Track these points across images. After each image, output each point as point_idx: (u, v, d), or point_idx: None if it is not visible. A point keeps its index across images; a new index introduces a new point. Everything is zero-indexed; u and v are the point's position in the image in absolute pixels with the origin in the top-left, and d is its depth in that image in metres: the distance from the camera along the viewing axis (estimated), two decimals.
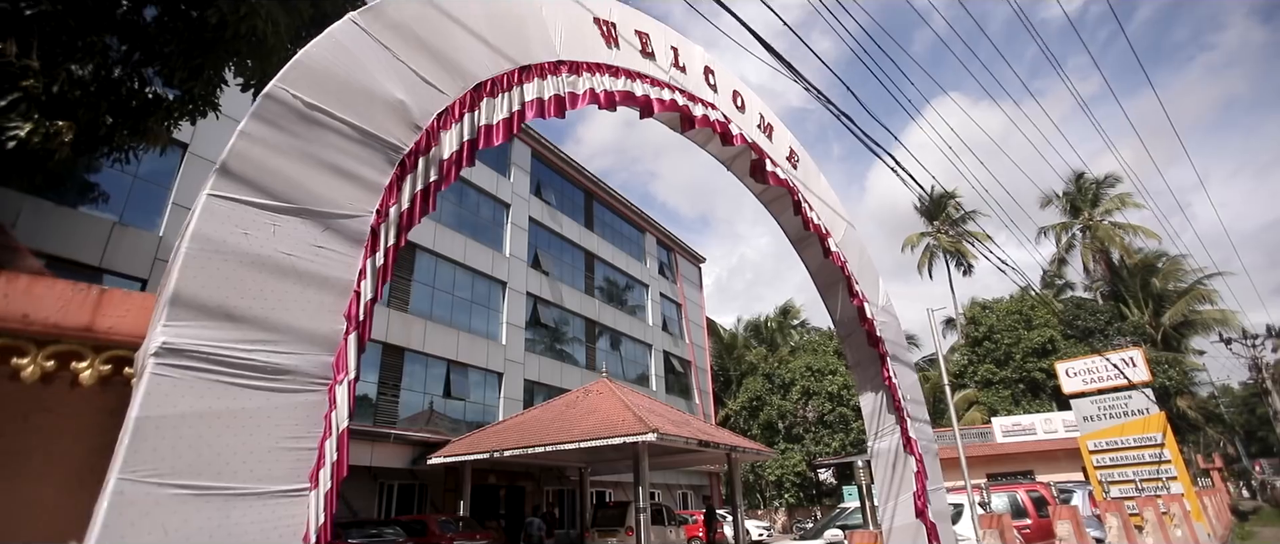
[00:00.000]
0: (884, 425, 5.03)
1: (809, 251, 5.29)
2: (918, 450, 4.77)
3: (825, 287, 5.37)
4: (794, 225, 5.18)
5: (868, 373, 5.17)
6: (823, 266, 5.24)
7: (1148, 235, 37.75)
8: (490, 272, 22.60)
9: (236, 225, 2.09)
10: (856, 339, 5.20)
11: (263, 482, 1.91)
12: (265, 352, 2.01)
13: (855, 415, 35.96)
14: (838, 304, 5.29)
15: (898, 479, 4.83)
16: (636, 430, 13.76)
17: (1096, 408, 16.01)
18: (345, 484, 11.85)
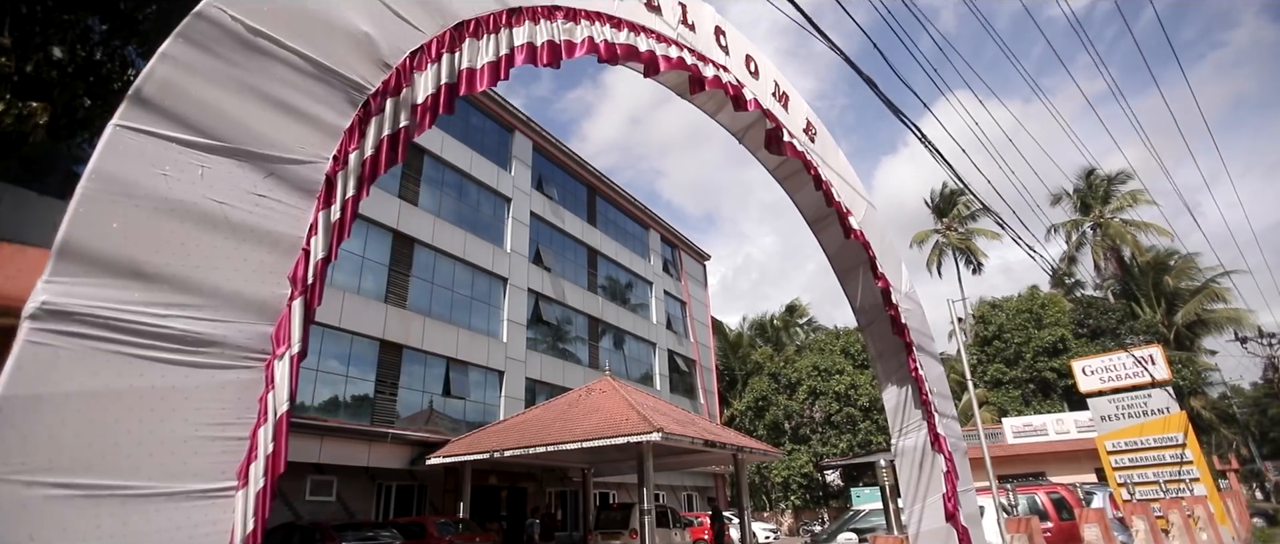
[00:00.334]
0: (909, 422, 4.61)
1: (828, 233, 4.88)
2: (946, 448, 4.35)
3: (845, 271, 4.96)
4: (812, 203, 4.77)
5: (891, 365, 4.75)
6: (843, 248, 4.83)
7: (1160, 233, 37.19)
8: (491, 267, 22.22)
9: (153, 164, 1.69)
10: (879, 328, 4.79)
11: (174, 479, 1.51)
12: (184, 318, 1.61)
13: (862, 416, 35.49)
14: (858, 289, 4.88)
15: (925, 480, 4.42)
16: (641, 430, 13.35)
17: (1114, 407, 15.55)
18: (342, 485, 11.59)
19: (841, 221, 4.46)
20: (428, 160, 21.04)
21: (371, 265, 18.20)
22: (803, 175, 4.51)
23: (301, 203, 1.97)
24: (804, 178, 4.53)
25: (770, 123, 4.11)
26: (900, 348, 4.61)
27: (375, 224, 18.47)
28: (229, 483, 1.62)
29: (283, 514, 14.68)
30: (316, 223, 1.98)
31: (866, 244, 4.50)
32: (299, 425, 14.63)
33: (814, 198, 4.67)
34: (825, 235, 4.90)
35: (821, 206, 4.61)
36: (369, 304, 17.49)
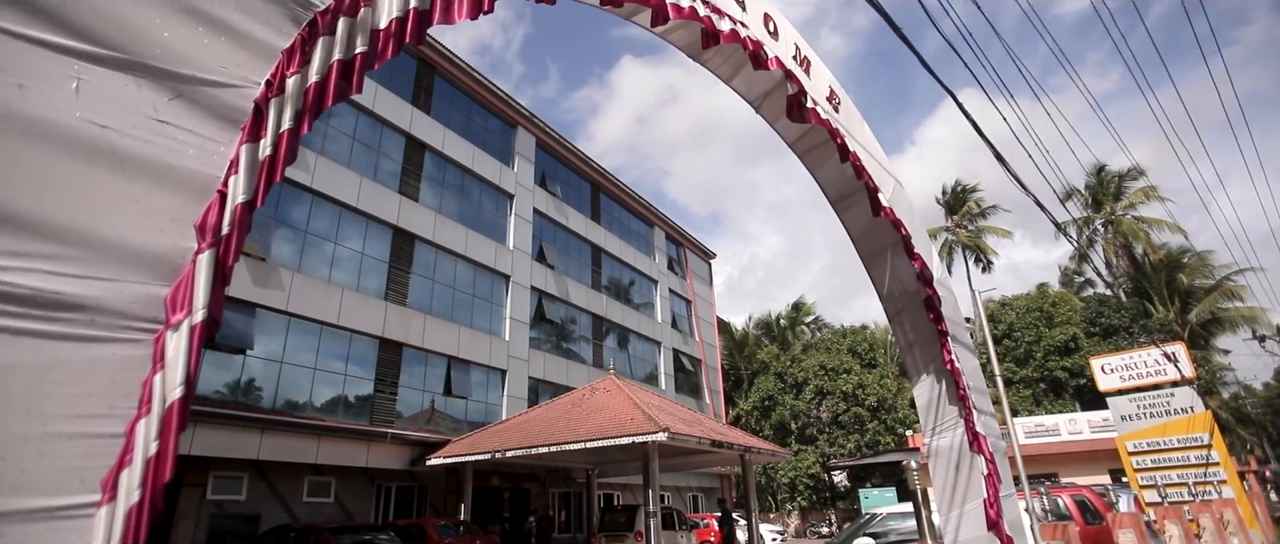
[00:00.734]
0: (944, 419, 4.17)
1: (853, 212, 4.44)
2: (987, 449, 3.91)
3: (872, 254, 4.51)
4: (836, 178, 4.33)
5: (924, 356, 4.30)
6: (870, 229, 4.38)
7: (1173, 230, 36.54)
8: (493, 265, 21.83)
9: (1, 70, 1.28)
10: (911, 316, 4.34)
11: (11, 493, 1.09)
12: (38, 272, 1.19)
13: (871, 416, 34.97)
14: (887, 274, 4.43)
15: (963, 484, 3.96)
16: (646, 430, 12.92)
17: (1136, 406, 15.02)
18: (340, 486, 11.10)
19: (871, 198, 4.02)
20: (429, 155, 20.67)
21: (371, 262, 17.83)
22: (827, 147, 4.07)
23: (219, 134, 1.55)
24: (828, 150, 4.09)
25: (792, 86, 3.67)
26: (934, 337, 4.16)
27: (375, 220, 18.10)
28: (88, 497, 1.19)
29: (279, 516, 14.31)
30: (238, 159, 1.55)
31: (898, 222, 4.05)
32: (296, 425, 14.26)
33: (838, 172, 4.23)
34: (850, 215, 4.45)
35: (847, 182, 4.16)
36: (368, 301, 17.11)
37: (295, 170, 16.08)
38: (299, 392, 15.18)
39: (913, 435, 33.27)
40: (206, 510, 13.11)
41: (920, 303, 4.23)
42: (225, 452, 12.99)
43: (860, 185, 4.15)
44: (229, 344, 13.78)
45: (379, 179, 18.61)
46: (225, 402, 13.60)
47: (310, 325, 15.70)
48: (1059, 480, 27.82)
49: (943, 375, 4.16)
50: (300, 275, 15.62)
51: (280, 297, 14.97)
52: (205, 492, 13.16)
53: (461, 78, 22.62)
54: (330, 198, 16.90)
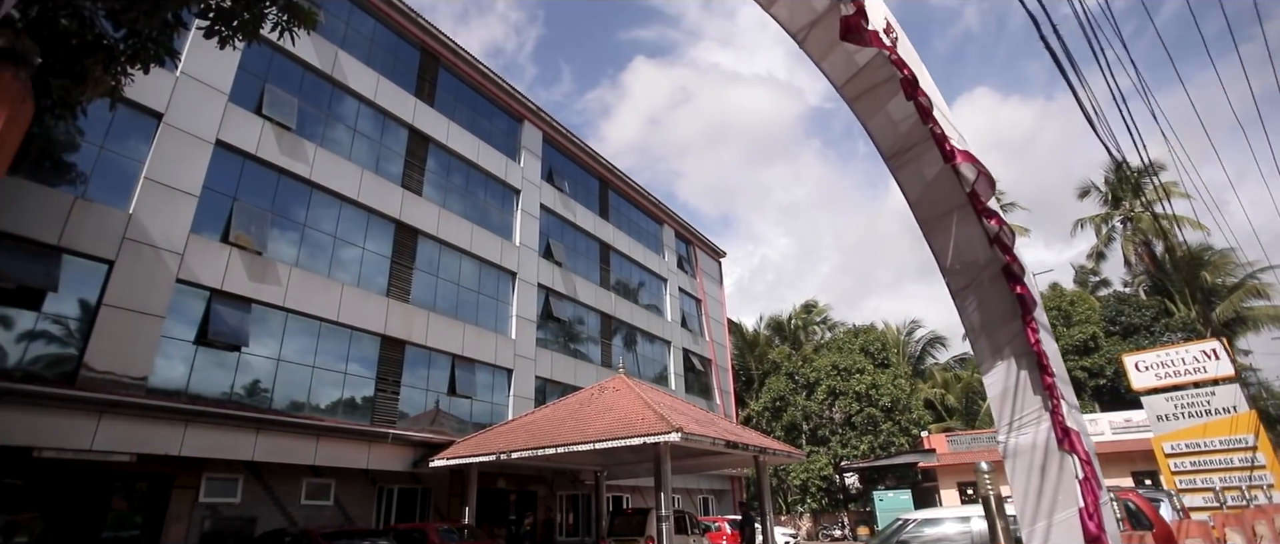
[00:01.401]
0: (1024, 412, 3.51)
1: (912, 168, 3.79)
2: (1082, 447, 3.25)
3: (932, 219, 3.86)
4: (893, 127, 3.69)
5: (998, 338, 3.65)
6: (933, 186, 3.73)
7: (1195, 227, 35.57)
8: (499, 261, 21.25)
9: None
10: (983, 290, 3.68)
11: None
12: None
13: (884, 416, 34.16)
14: (951, 241, 3.78)
15: (1050, 489, 3.31)
16: (658, 430, 12.28)
17: (1172, 406, 14.25)
18: (340, 489, 10.54)
19: (940, 145, 3.37)
20: (432, 148, 20.12)
21: (372, 257, 17.27)
22: (886, 87, 3.43)
23: None
24: (886, 91, 3.45)
25: (849, 5, 3.04)
26: (1013, 312, 3.51)
27: (376, 214, 17.56)
28: None
29: (275, 519, 13.75)
30: None
31: (977, 163, 3.41)
32: (294, 425, 13.70)
33: (896, 119, 3.58)
34: (908, 172, 3.80)
35: (908, 130, 3.52)
36: (369, 298, 16.55)
37: (293, 161, 15.57)
38: (297, 390, 14.62)
39: (927, 437, 32.44)
40: (199, 514, 12.56)
41: (995, 273, 3.57)
42: (219, 452, 12.44)
43: (924, 132, 3.50)
44: (223, 341, 13.24)
45: (381, 172, 18.07)
46: (219, 400, 13.05)
47: (309, 322, 15.15)
48: None
49: (1023, 359, 3.51)
50: (298, 270, 15.08)
51: (277, 292, 14.42)
52: (198, 494, 12.61)
53: (466, 70, 22.08)
54: (330, 190, 16.36)
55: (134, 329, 11.77)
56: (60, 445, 10.46)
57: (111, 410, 11.01)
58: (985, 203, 3.41)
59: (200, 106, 13.87)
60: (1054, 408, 3.37)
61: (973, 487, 29.64)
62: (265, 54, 15.74)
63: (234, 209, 14.16)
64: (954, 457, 29.63)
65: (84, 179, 11.91)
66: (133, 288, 11.92)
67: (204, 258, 13.24)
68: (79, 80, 8.08)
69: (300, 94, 16.33)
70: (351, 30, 18.35)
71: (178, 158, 13.25)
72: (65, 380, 10.86)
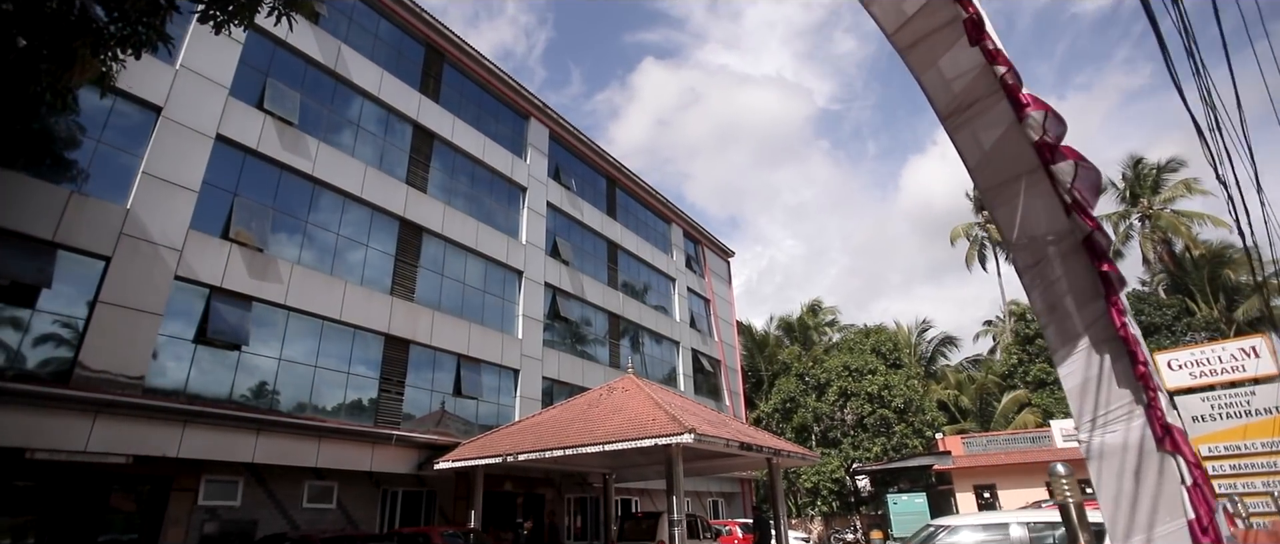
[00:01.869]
0: (1112, 407, 3.03)
1: (976, 125, 3.33)
2: (1188, 449, 2.77)
3: (997, 187, 3.39)
4: (953, 80, 3.22)
5: (1077, 319, 3.17)
6: (998, 148, 3.27)
7: (1217, 224, 34.75)
8: (505, 260, 20.85)
9: None
10: (1057, 267, 3.21)
11: None
12: None
13: (897, 418, 33.53)
14: (1019, 211, 3.32)
15: (1148, 498, 2.83)
16: (670, 431, 11.81)
17: (1209, 406, 13.61)
18: (343, 491, 10.14)
19: (1010, 94, 2.90)
20: (437, 144, 19.76)
21: (376, 254, 16.91)
22: (946, 32, 2.98)
23: None
24: (947, 36, 3.00)
25: None
26: (1095, 291, 3.04)
27: (380, 210, 17.19)
28: None
29: (277, 523, 13.37)
30: None
31: (1055, 115, 2.95)
32: (296, 426, 13.32)
33: (958, 70, 3.11)
34: (969, 132, 3.34)
35: (971, 82, 3.06)
36: (373, 296, 16.18)
37: (295, 156, 15.23)
38: (299, 391, 14.25)
39: (942, 439, 31.80)
40: (198, 517, 12.19)
41: (1073, 246, 3.11)
42: (219, 454, 12.07)
43: (988, 86, 3.02)
44: (223, 339, 12.88)
45: (385, 168, 17.72)
46: (219, 401, 12.68)
47: (311, 321, 14.78)
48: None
49: (1107, 345, 3.04)
50: (300, 268, 14.72)
51: (278, 289, 14.06)
52: (197, 497, 12.25)
53: (471, 66, 21.72)
54: (333, 187, 16.01)
55: (131, 327, 11.42)
56: (54, 447, 10.11)
57: (107, 410, 10.66)
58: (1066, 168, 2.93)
59: (200, 100, 13.54)
60: (1151, 402, 2.89)
61: (989, 490, 28.99)
62: (267, 48, 15.41)
63: (234, 205, 13.82)
64: (969, 459, 28.99)
65: (80, 173, 11.59)
66: (130, 285, 11.58)
67: (203, 255, 12.90)
68: (67, 64, 7.74)
69: (303, 89, 15.99)
70: (355, 25, 18.02)
71: (177, 152, 12.91)
72: (59, 380, 10.52)
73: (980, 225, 40.71)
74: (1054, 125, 3.02)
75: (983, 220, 40.84)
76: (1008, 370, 37.07)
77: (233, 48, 14.36)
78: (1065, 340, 3.23)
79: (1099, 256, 2.97)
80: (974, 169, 3.44)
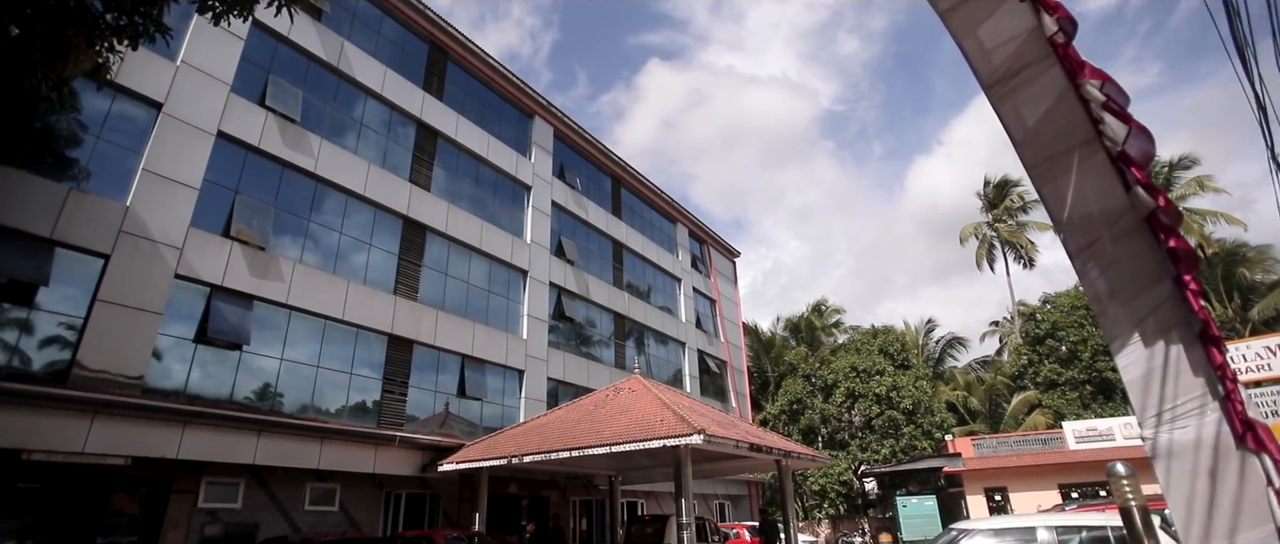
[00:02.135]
0: (1181, 400, 2.75)
1: (1025, 93, 3.05)
2: (1274, 447, 2.49)
3: (1047, 161, 3.12)
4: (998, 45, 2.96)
5: (1139, 303, 2.89)
6: (1051, 115, 3.00)
7: (1231, 222, 34.32)
8: (510, 259, 20.61)
9: None
10: (1118, 245, 2.93)
11: None
12: None
13: (906, 419, 33.15)
14: (1070, 187, 3.04)
15: (1228, 503, 2.56)
16: (679, 432, 11.54)
17: None
18: (346, 494, 9.91)
19: (1064, 59, 2.63)
20: (441, 142, 19.55)
21: (379, 253, 16.69)
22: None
23: None
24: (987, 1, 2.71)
25: None
26: (1161, 272, 2.77)
27: (383, 209, 16.99)
28: None
29: (278, 526, 13.14)
30: None
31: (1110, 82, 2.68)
32: (298, 427, 13.10)
33: (999, 37, 2.85)
34: (1016, 102, 3.07)
35: (1019, 46, 2.79)
36: (376, 295, 15.96)
37: (298, 154, 15.03)
38: (301, 391, 14.03)
39: (951, 440, 31.40)
40: (198, 520, 11.97)
41: (1133, 224, 2.82)
42: (219, 455, 11.86)
43: (1041, 50, 2.75)
44: (223, 339, 12.67)
45: (388, 167, 17.51)
46: (219, 401, 12.47)
47: (313, 320, 14.57)
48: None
49: (1176, 331, 2.76)
50: (303, 266, 14.51)
51: (280, 288, 13.85)
52: (197, 499, 12.03)
53: (475, 64, 21.53)
54: (335, 184, 15.81)
55: (130, 326, 11.22)
56: (51, 448, 9.91)
57: (105, 411, 10.45)
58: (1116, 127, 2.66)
59: (201, 96, 13.35)
60: (1229, 393, 2.61)
61: (1000, 493, 28.59)
62: (269, 44, 15.23)
63: (236, 203, 13.63)
64: (980, 461, 28.58)
65: (79, 169, 11.40)
66: (129, 283, 11.38)
67: (204, 253, 12.70)
68: (61, 55, 7.54)
69: (305, 85, 15.81)
70: (357, 22, 17.84)
71: (178, 149, 12.73)
72: (57, 379, 10.32)
73: (989, 225, 40.30)
74: (1116, 94, 2.74)
75: (991, 220, 40.43)
76: (1017, 371, 36.63)
77: (234, 44, 14.18)
78: (1125, 328, 2.95)
79: (1165, 231, 2.68)
80: (1020, 143, 3.16)
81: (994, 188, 40.40)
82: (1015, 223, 39.66)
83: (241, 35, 14.31)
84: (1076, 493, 26.65)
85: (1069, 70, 2.78)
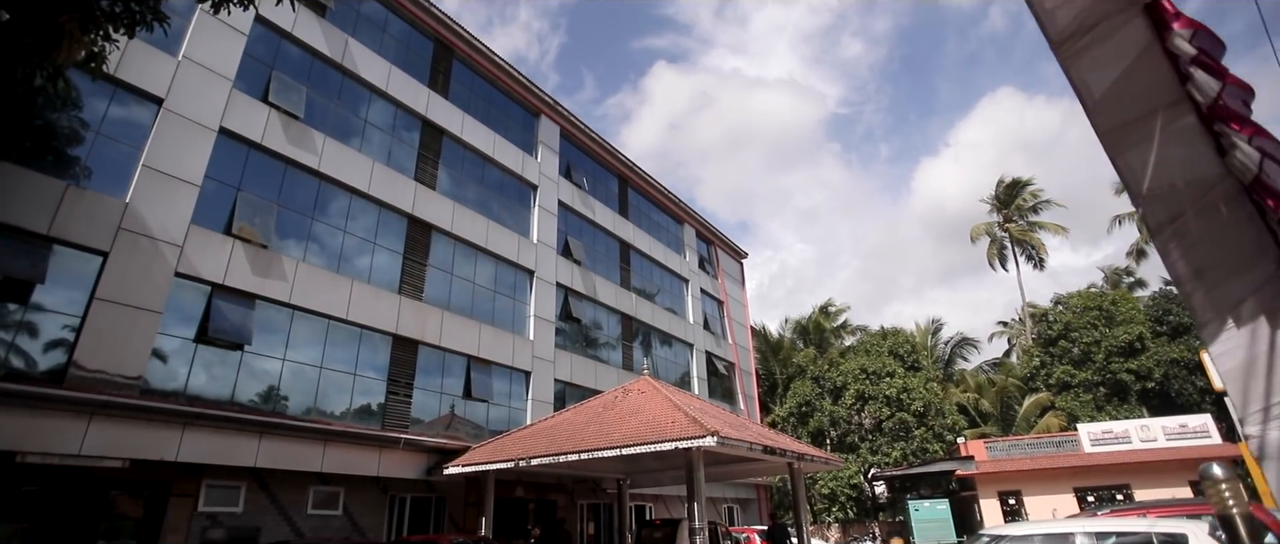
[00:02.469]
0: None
1: (1101, 50, 2.73)
2: None
3: (1126, 125, 2.79)
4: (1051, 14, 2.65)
5: (1235, 286, 2.56)
6: (1130, 74, 2.67)
7: None
8: (516, 259, 20.33)
9: None
10: (1208, 219, 2.60)
11: None
12: None
13: (917, 422, 32.69)
14: (1150, 155, 2.71)
15: None
16: (691, 434, 11.20)
17: None
18: (350, 497, 9.57)
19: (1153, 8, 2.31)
20: (446, 141, 19.29)
21: (384, 252, 16.43)
22: None
23: None
24: None
25: None
26: (1261, 247, 2.43)
27: (388, 208, 16.73)
28: None
29: (280, 530, 12.85)
30: None
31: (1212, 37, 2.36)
32: (300, 429, 12.82)
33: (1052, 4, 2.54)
34: (1090, 59, 2.74)
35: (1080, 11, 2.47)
36: (380, 295, 15.69)
37: (301, 151, 14.79)
38: (304, 392, 13.76)
39: (964, 443, 30.90)
40: (198, 524, 11.69)
41: (1227, 194, 2.49)
42: (220, 458, 11.58)
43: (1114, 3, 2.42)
44: (224, 339, 12.41)
45: (393, 164, 17.26)
46: (220, 403, 12.20)
47: (317, 320, 14.30)
48: (1133, 494, 25.36)
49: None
50: (306, 265, 14.25)
51: (283, 287, 13.59)
52: (197, 503, 11.75)
53: (481, 62, 21.28)
54: (339, 182, 15.56)
55: (128, 325, 10.96)
56: (46, 450, 9.64)
57: (102, 412, 10.18)
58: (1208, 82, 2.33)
59: (203, 92, 13.12)
60: None
61: (1014, 496, 28.08)
62: (272, 40, 15.01)
63: (238, 200, 13.38)
64: (993, 464, 28.07)
65: (77, 165, 11.17)
66: (128, 281, 11.13)
67: (205, 251, 12.44)
68: (54, 42, 7.28)
69: (309, 82, 15.58)
70: (362, 19, 17.62)
71: (179, 145, 12.48)
72: (53, 379, 10.06)
73: (999, 225, 39.84)
74: (1209, 44, 2.42)
75: (1002, 220, 39.97)
76: (1029, 373, 36.12)
77: (237, 39, 13.95)
78: (1219, 312, 2.62)
79: (1266, 195, 2.35)
80: (1093, 107, 2.84)
81: (1005, 188, 39.97)
82: (1026, 222, 39.19)
83: (244, 30, 14.08)
84: (1092, 497, 26.15)
85: (1157, 21, 2.46)
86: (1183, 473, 25.16)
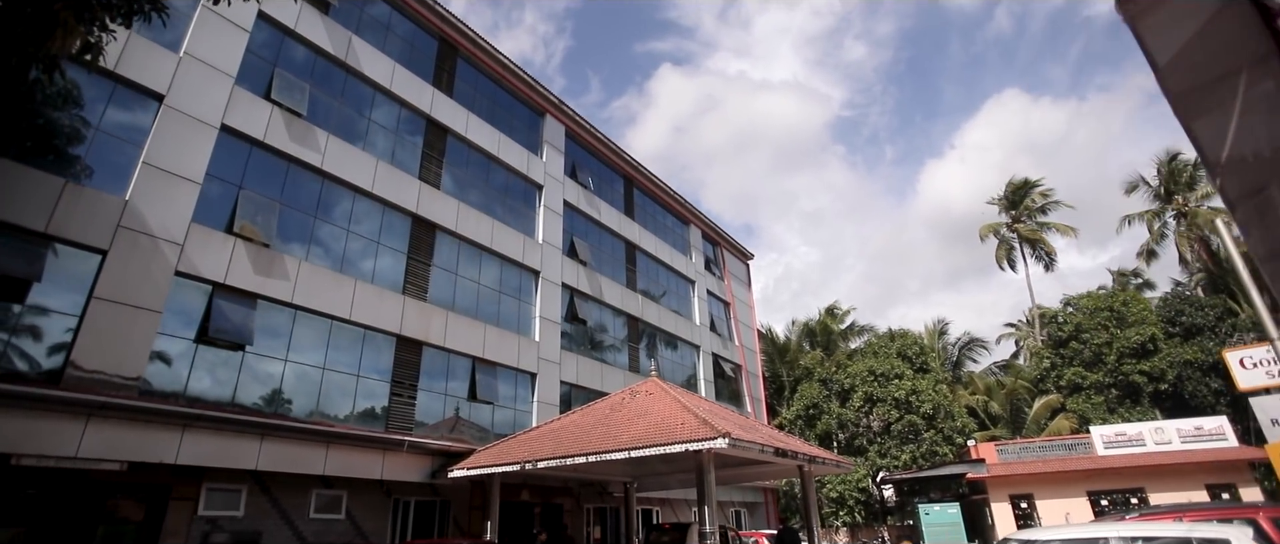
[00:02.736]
0: None
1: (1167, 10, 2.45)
2: None
3: (1202, 86, 2.52)
4: None
5: None
6: (1214, 26, 2.40)
7: None
8: (521, 259, 20.10)
9: None
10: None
11: None
12: None
13: (926, 424, 32.30)
14: (1231, 121, 2.44)
15: None
16: (702, 436, 10.93)
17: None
18: (353, 501, 9.27)
19: None
20: (451, 140, 19.10)
21: (388, 252, 16.22)
22: None
23: None
24: None
25: None
26: None
27: (392, 207, 16.52)
28: None
29: (282, 534, 12.62)
30: None
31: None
32: (302, 431, 12.59)
33: None
34: (1157, 17, 2.46)
35: None
36: (384, 295, 15.47)
37: (304, 149, 14.60)
38: (306, 394, 13.54)
39: (974, 446, 30.50)
40: (198, 528, 11.47)
41: None
42: (220, 461, 11.36)
43: None
44: (225, 339, 12.20)
45: (397, 163, 17.06)
46: (221, 404, 11.99)
47: (319, 320, 14.09)
48: (1147, 497, 24.93)
49: None
50: (308, 264, 14.05)
51: (285, 287, 13.38)
52: (197, 506, 11.52)
53: (486, 61, 21.10)
54: (343, 181, 15.36)
55: (127, 325, 10.76)
56: (42, 452, 9.42)
57: (100, 413, 9.97)
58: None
59: (205, 89, 12.94)
60: None
61: (1026, 500, 27.66)
62: (275, 37, 14.84)
63: (239, 198, 13.18)
64: (1004, 467, 27.67)
65: (76, 162, 10.98)
66: (127, 280, 10.93)
67: (206, 249, 12.24)
68: (48, 31, 7.09)
69: (312, 79, 15.40)
70: (366, 17, 17.45)
71: (179, 142, 12.30)
72: (49, 380, 9.85)
73: (1008, 226, 39.46)
74: None
75: (1010, 221, 39.58)
76: (1039, 375, 35.68)
77: (239, 36, 13.78)
78: None
79: None
80: (1165, 66, 2.56)
81: (1014, 188, 39.60)
82: (1035, 223, 38.80)
83: (247, 27, 13.91)
84: (1105, 501, 25.74)
85: None
86: (1199, 476, 24.74)
